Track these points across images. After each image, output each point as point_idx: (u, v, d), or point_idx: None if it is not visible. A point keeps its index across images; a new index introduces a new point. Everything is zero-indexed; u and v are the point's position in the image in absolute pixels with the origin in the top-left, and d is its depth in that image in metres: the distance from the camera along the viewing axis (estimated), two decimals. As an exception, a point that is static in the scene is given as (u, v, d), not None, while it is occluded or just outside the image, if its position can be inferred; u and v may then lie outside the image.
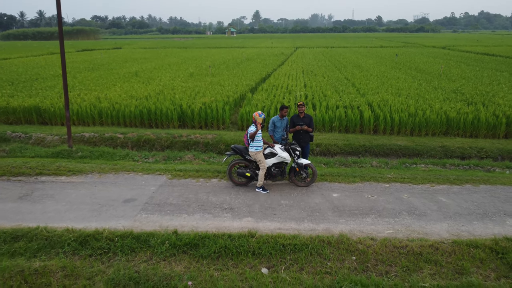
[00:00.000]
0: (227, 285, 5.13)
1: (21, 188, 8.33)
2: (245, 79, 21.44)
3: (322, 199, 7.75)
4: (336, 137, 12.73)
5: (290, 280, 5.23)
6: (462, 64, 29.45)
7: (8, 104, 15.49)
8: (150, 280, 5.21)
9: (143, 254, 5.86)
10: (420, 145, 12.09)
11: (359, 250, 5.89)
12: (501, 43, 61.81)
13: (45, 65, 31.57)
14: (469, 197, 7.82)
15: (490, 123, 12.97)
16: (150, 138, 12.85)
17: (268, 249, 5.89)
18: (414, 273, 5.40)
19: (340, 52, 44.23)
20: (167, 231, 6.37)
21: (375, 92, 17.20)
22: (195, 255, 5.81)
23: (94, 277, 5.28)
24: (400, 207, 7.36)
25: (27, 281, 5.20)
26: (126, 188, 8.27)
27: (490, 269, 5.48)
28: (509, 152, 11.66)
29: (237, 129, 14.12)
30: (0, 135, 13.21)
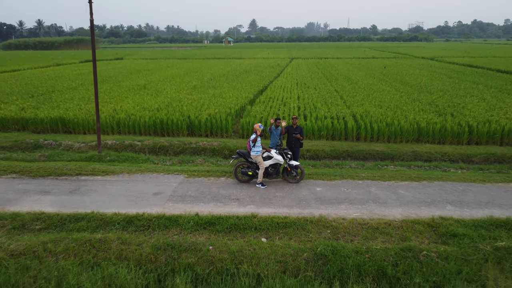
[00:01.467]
0: (237, 249, 7.24)
1: (69, 185, 10.43)
2: (244, 92, 23.63)
3: (308, 192, 9.90)
4: (324, 144, 14.91)
5: (282, 245, 7.36)
6: (444, 76, 31.81)
7: (36, 116, 17.59)
8: (182, 245, 7.32)
9: (175, 230, 7.97)
10: (394, 150, 14.28)
11: (333, 226, 8.03)
12: (487, 53, 64.48)
13: (56, 77, 33.64)
14: (423, 190, 10.00)
15: (455, 131, 15.20)
16: (164, 145, 14.97)
17: (266, 226, 8.02)
18: (371, 240, 7.55)
19: (333, 64, 46.62)
20: (190, 214, 8.49)
21: (360, 104, 19.43)
22: (213, 230, 7.94)
23: (141, 244, 7.38)
24: (368, 197, 9.52)
25: (94, 246, 7.30)
26: (153, 185, 10.40)
27: (425, 237, 7.63)
28: (468, 156, 13.87)
29: (239, 137, 16.28)
30: (34, 143, 15.30)
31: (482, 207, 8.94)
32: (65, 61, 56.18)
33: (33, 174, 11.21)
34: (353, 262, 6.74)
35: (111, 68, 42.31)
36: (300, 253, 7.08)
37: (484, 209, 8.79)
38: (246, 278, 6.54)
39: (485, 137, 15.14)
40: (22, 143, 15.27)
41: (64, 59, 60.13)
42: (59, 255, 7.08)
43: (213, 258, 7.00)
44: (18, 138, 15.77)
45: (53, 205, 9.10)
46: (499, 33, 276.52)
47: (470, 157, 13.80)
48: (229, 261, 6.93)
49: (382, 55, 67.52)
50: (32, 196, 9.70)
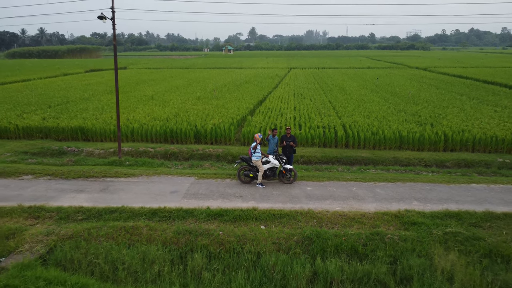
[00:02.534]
0: (242, 233, 9.14)
1: (98, 185, 12.35)
2: (245, 102, 25.61)
3: (299, 191, 11.83)
4: (316, 151, 16.85)
5: (277, 231, 9.26)
6: (433, 87, 33.85)
7: (57, 125, 19.53)
8: (198, 231, 9.22)
9: (191, 220, 9.88)
10: (378, 156, 16.22)
11: (318, 216, 9.95)
12: (479, 63, 66.71)
13: (66, 87, 35.62)
14: (396, 189, 11.93)
15: (432, 140, 17.16)
16: (174, 151, 16.90)
17: (265, 216, 9.94)
18: (348, 227, 9.46)
19: (329, 74, 48.71)
20: (202, 207, 10.41)
21: (350, 115, 21.40)
22: (221, 220, 9.84)
23: (165, 230, 9.28)
24: (349, 195, 11.45)
25: (128, 231, 9.20)
26: (169, 185, 12.32)
27: (391, 225, 9.55)
28: (442, 161, 15.81)
29: (241, 144, 18.21)
30: (59, 149, 17.22)
31: (442, 202, 10.86)
32: (71, 70, 58.19)
33: (65, 176, 13.14)
34: (332, 243, 8.65)
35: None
36: (291, 237, 9.00)
37: (443, 204, 10.71)
38: (249, 254, 8.45)
39: (459, 144, 17.10)
40: (48, 150, 17.19)
41: (70, 68, 62.17)
42: (100, 238, 8.98)
43: (222, 240, 8.91)
44: (43, 145, 17.70)
45: (88, 201, 11.01)
46: (496, 41, 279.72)
47: (444, 162, 15.74)
48: (235, 242, 8.83)
49: (377, 64, 69.72)
50: (69, 194, 11.61)
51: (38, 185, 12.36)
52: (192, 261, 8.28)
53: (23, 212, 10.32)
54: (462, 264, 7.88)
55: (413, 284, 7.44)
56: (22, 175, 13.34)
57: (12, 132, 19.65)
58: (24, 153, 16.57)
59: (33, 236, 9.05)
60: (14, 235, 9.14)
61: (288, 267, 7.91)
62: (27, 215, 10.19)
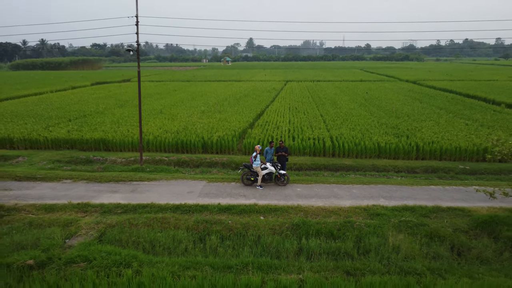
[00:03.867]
0: (246, 222, 11.97)
1: (128, 187, 15.20)
2: (245, 116, 28.56)
3: (291, 191, 14.71)
4: (306, 159, 19.75)
5: (273, 220, 12.12)
6: (417, 101, 36.95)
7: (82, 137, 22.39)
8: (212, 220, 12.06)
9: (206, 212, 12.73)
10: (359, 164, 19.14)
11: (305, 210, 12.82)
12: (467, 76, 70.15)
13: (79, 101, 38.52)
14: (368, 190, 14.83)
15: (406, 150, 20.12)
16: (185, 159, 19.77)
17: (263, 210, 12.80)
18: (327, 217, 12.32)
19: (323, 87, 51.85)
20: (214, 203, 13.26)
21: (338, 128, 24.36)
22: (230, 213, 12.69)
23: (187, 220, 12.12)
24: (331, 194, 14.34)
25: (159, 221, 12.04)
26: (186, 187, 15.17)
27: (360, 216, 12.42)
28: (412, 168, 18.73)
29: (242, 154, 21.09)
30: (86, 158, 20.07)
31: (403, 199, 13.77)
32: (78, 83, 61.07)
33: (99, 180, 15.99)
34: (314, 228, 11.51)
35: (124, 92, 47.31)
36: (283, 224, 11.86)
37: (403, 201, 13.61)
38: (252, 236, 11.29)
39: (428, 154, 20.06)
40: (77, 159, 20.05)
41: (76, 81, 65.08)
42: (139, 225, 11.82)
43: (231, 227, 11.76)
44: (72, 155, 20.56)
45: (123, 199, 13.86)
46: (490, 52, 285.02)
47: (414, 169, 18.67)
48: (241, 228, 11.68)
49: (370, 77, 73.06)
50: (106, 194, 14.46)
51: (79, 187, 15.20)
52: (210, 241, 11.11)
53: (73, 207, 13.15)
54: (407, 242, 10.75)
55: (371, 254, 10.28)
56: (63, 180, 16.18)
57: (41, 143, 22.49)
58: (58, 162, 19.42)
59: (87, 224, 11.88)
60: (72, 224, 11.96)
61: (280, 244, 10.76)
62: (77, 210, 13.02)
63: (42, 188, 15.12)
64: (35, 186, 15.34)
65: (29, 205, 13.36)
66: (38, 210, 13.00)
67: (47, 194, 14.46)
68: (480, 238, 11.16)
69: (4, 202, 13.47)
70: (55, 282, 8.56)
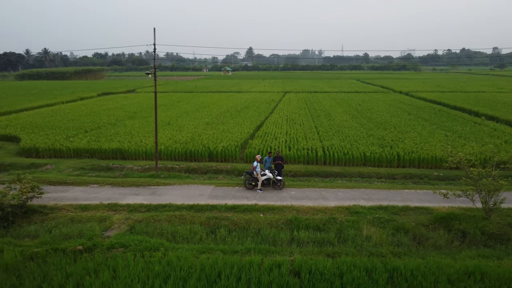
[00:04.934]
0: (248, 218, 14.64)
1: (147, 190, 17.88)
2: (246, 127, 31.29)
3: (286, 194, 17.40)
4: (301, 167, 22.45)
5: (271, 217, 14.79)
6: (405, 113, 39.74)
7: (100, 147, 25.09)
8: (220, 217, 14.72)
9: (215, 211, 15.40)
10: (346, 171, 21.84)
11: (297, 209, 15.50)
12: (458, 87, 73.15)
13: (90, 112, 41.27)
14: (351, 193, 17.52)
15: (388, 158, 22.83)
16: (194, 167, 22.46)
17: (263, 209, 15.48)
18: (315, 215, 15.00)
19: (319, 99, 54.72)
20: (222, 204, 15.94)
21: (330, 139, 27.09)
22: (235, 211, 15.37)
23: (200, 216, 14.79)
24: (319, 196, 17.03)
25: (177, 217, 14.70)
26: (197, 190, 17.86)
27: (343, 214, 15.09)
28: (393, 174, 21.42)
29: (244, 162, 23.78)
30: (106, 166, 22.75)
31: (379, 201, 16.45)
32: (85, 94, 63.82)
33: (122, 184, 18.68)
34: (304, 223, 14.17)
35: (131, 103, 50.13)
36: (279, 220, 14.53)
37: (379, 202, 16.29)
38: (253, 229, 13.95)
39: (408, 162, 22.77)
40: (99, 166, 22.73)
41: (83, 92, 67.87)
42: (161, 221, 14.48)
43: (236, 222, 14.43)
44: (93, 163, 23.24)
45: (145, 200, 16.53)
46: (486, 61, 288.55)
47: (394, 175, 21.38)
48: (245, 223, 14.34)
49: (365, 88, 75.99)
50: (130, 196, 17.14)
51: (105, 191, 17.89)
52: (219, 233, 13.78)
53: (105, 207, 15.82)
54: (378, 233, 13.42)
55: (348, 243, 12.94)
56: (90, 184, 18.87)
57: (64, 152, 25.18)
58: (82, 169, 22.11)
59: (118, 220, 14.55)
60: (105, 220, 14.62)
61: (276, 235, 13.43)
62: (108, 209, 15.69)
63: (74, 191, 17.80)
64: (68, 190, 18.02)
65: (67, 205, 16.04)
66: (75, 209, 15.67)
67: (79, 196, 17.14)
68: (437, 231, 13.84)
69: (45, 203, 16.13)
70: (103, 261, 11.21)
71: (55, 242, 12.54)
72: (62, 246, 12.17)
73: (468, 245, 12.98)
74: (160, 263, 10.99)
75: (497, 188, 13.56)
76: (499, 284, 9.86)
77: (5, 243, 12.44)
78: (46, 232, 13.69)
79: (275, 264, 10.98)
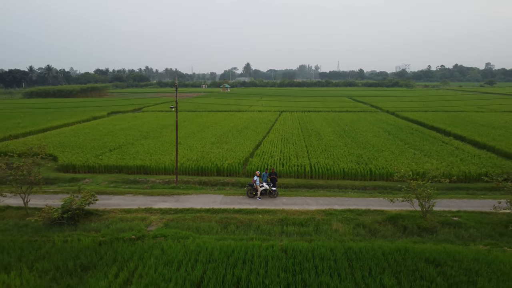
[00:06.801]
0: (250, 219, 19.96)
1: (172, 198, 23.21)
2: (246, 147, 36.71)
3: (279, 201, 22.77)
4: (292, 180, 27.82)
5: (267, 217, 20.13)
6: (385, 133, 45.31)
7: (126, 164, 30.43)
8: (230, 217, 20.04)
9: (226, 213, 20.72)
10: (328, 183, 27.22)
11: (287, 211, 20.86)
12: (442, 106, 79.11)
13: (107, 132, 46.66)
14: (329, 200, 22.89)
15: (363, 173, 28.25)
16: (205, 180, 27.79)
17: (261, 211, 20.83)
18: (300, 216, 20.33)
19: (312, 118, 60.38)
20: (230, 208, 21.28)
21: (317, 156, 32.52)
22: (240, 213, 20.70)
23: (215, 217, 20.10)
24: (304, 202, 22.40)
25: (198, 217, 20.01)
26: (210, 199, 23.19)
27: (320, 215, 20.43)
28: (365, 186, 26.79)
29: (246, 177, 29.12)
30: (133, 180, 28.05)
31: (349, 205, 21.79)
32: (97, 113, 69.28)
33: (151, 194, 23.99)
34: (291, 221, 19.49)
35: (141, 123, 55.61)
36: (273, 219, 19.87)
37: (349, 206, 21.63)
38: (254, 225, 19.26)
39: (378, 176, 28.19)
40: (128, 180, 28.04)
41: (94, 111, 73.42)
42: (187, 220, 19.77)
43: (242, 220, 19.74)
44: (123, 177, 28.55)
45: (172, 205, 21.83)
46: (478, 77, 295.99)
47: (366, 187, 26.76)
48: (248, 221, 19.66)
49: (356, 107, 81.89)
50: (159, 202, 22.44)
51: (140, 199, 23.20)
52: (230, 227, 19.06)
53: (142, 210, 21.12)
54: (343, 227, 18.74)
55: (322, 234, 18.22)
56: (126, 194, 24.18)
57: (97, 168, 30.50)
58: (115, 182, 27.43)
59: (155, 219, 19.83)
60: (145, 219, 19.88)
61: (271, 229, 18.73)
62: (145, 212, 20.98)
63: (116, 199, 23.11)
64: (111, 198, 23.33)
65: (113, 209, 21.33)
66: (121, 212, 20.97)
67: (121, 203, 22.45)
68: (386, 226, 19.19)
69: (97, 207, 21.40)
70: (152, 245, 16.48)
71: (114, 234, 17.80)
72: (120, 236, 17.44)
73: (406, 236, 18.31)
74: (192, 244, 16.27)
75: (429, 195, 18.95)
76: (415, 256, 15.16)
77: (79, 234, 17.72)
78: (105, 227, 18.95)
79: (269, 245, 16.26)
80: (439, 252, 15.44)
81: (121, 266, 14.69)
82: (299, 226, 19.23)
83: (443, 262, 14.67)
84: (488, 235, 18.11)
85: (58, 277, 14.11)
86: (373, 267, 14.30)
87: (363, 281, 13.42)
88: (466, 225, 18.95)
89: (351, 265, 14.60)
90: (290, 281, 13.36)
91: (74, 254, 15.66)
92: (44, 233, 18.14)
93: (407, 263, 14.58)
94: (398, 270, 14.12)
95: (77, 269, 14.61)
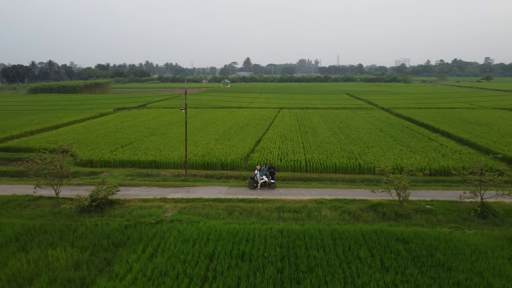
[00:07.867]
0: (251, 207, 23.18)
1: (183, 189, 26.43)
2: (247, 143, 39.85)
3: (277, 192, 25.99)
4: (288, 174, 31.02)
5: (266, 205, 23.35)
6: (378, 130, 48.43)
7: (139, 159, 33.61)
8: (235, 206, 23.26)
9: (231, 202, 23.95)
10: (321, 177, 30.42)
11: (283, 201, 24.09)
12: (435, 103, 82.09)
13: (116, 129, 49.77)
14: (321, 191, 26.11)
15: (352, 167, 31.44)
16: (211, 174, 30.99)
17: (261, 201, 24.06)
18: (294, 204, 23.56)
19: (309, 115, 63.48)
20: (234, 197, 24.51)
21: (312, 152, 35.68)
22: (243, 202, 23.92)
23: (222, 205, 23.32)
24: (299, 193, 25.62)
25: (207, 206, 23.24)
26: (216, 190, 26.41)
27: (313, 204, 23.66)
28: (354, 179, 29.99)
29: (247, 170, 32.28)
30: (147, 173, 31.24)
31: (337, 195, 25.00)
32: (104, 110, 72.29)
33: (164, 186, 27.20)
34: (287, 209, 22.71)
35: (148, 120, 58.72)
36: (272, 207, 23.10)
37: (337, 196, 24.84)
38: (255, 212, 22.48)
39: (366, 170, 31.38)
40: (142, 174, 31.24)
41: (100, 107, 76.51)
42: (197, 208, 22.98)
43: (245, 208, 22.96)
44: (137, 171, 31.75)
45: (183, 196, 25.04)
46: (477, 72, 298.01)
47: (355, 180, 29.96)
48: (250, 209, 22.88)
49: (353, 103, 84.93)
50: (172, 193, 25.65)
51: (154, 190, 26.42)
52: (234, 214, 22.27)
53: (158, 200, 24.33)
54: (331, 214, 21.96)
55: (312, 219, 21.42)
56: (142, 186, 27.39)
57: (112, 163, 33.67)
58: (130, 175, 30.63)
59: (169, 207, 23.05)
60: (162, 207, 23.09)
61: (270, 215, 21.95)
62: (160, 201, 24.19)
63: (133, 190, 26.33)
64: (129, 189, 26.54)
65: (132, 199, 24.55)
66: (139, 201, 24.18)
67: (138, 194, 25.67)
68: (368, 212, 22.41)
69: (118, 197, 24.58)
70: (170, 227, 19.70)
71: (136, 219, 21.02)
72: (142, 221, 20.67)
73: (384, 220, 21.53)
74: (204, 226, 19.50)
75: (405, 187, 22.15)
76: (388, 235, 18.39)
77: (107, 219, 20.96)
78: (128, 214, 22.16)
79: (268, 228, 19.49)
80: (408, 233, 18.68)
81: (147, 243, 17.93)
82: (294, 212, 22.43)
83: (410, 240, 17.93)
84: (453, 220, 21.37)
85: (96, 252, 17.36)
86: (353, 244, 17.55)
87: (344, 254, 16.68)
88: (436, 212, 22.19)
89: (335, 242, 17.85)
90: (284, 254, 16.62)
91: (106, 235, 18.88)
92: (76, 218, 21.36)
93: (380, 241, 17.83)
94: (372, 246, 17.37)
95: (110, 246, 17.84)
